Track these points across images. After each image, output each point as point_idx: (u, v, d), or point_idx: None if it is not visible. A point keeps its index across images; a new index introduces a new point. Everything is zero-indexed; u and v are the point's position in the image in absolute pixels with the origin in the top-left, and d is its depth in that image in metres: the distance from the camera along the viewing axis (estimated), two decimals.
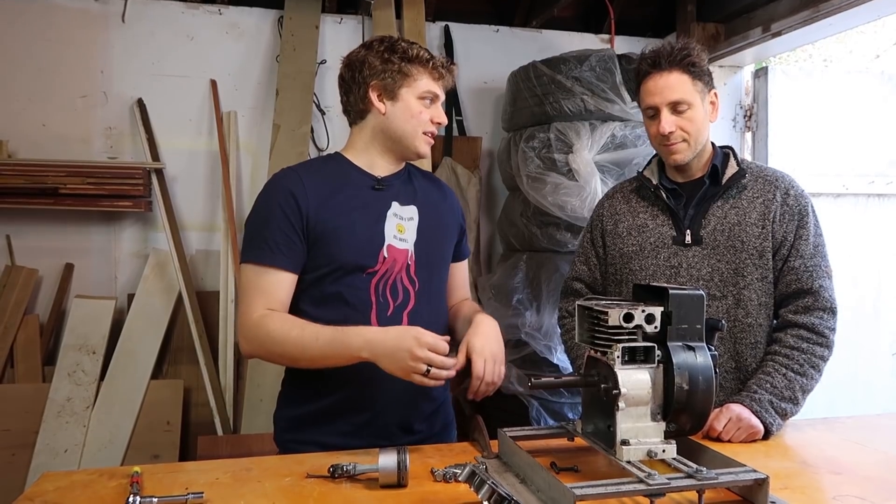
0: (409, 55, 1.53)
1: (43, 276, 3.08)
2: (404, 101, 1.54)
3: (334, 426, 1.53)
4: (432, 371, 1.33)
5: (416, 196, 1.63)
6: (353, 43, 3.35)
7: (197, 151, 3.24)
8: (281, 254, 1.48)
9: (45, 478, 1.28)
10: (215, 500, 1.16)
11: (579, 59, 2.85)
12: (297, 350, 1.42)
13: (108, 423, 2.94)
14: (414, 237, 1.58)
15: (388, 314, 1.52)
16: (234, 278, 3.11)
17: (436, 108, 1.57)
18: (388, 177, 1.60)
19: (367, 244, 1.52)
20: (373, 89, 1.54)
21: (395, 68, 1.53)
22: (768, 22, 3.05)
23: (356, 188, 1.56)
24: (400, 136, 1.56)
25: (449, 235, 1.68)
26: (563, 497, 1.05)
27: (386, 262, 1.53)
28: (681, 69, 1.68)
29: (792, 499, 1.15)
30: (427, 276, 1.59)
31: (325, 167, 1.60)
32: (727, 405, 1.56)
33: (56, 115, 3.10)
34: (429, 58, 1.55)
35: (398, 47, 1.54)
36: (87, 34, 3.13)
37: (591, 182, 2.74)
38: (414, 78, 1.53)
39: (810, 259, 1.68)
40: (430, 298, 1.60)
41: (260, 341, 1.46)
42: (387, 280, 1.54)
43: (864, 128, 3.53)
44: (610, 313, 1.17)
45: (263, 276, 1.48)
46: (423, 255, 1.58)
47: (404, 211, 1.59)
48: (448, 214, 1.69)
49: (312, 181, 1.53)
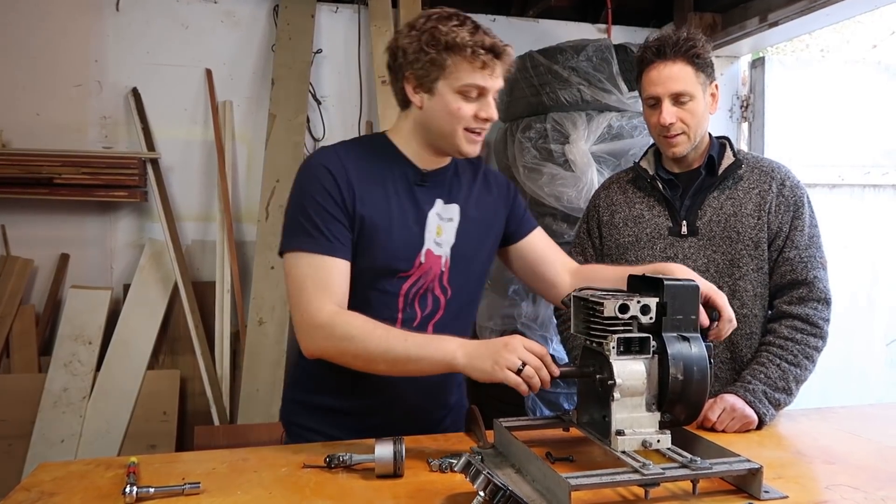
0: (446, 42, 1.31)
1: (38, 267, 3.07)
2: (441, 95, 1.35)
3: (343, 423, 1.48)
4: (525, 370, 1.18)
5: (459, 193, 1.49)
6: (349, 32, 3.35)
7: (192, 141, 3.22)
8: (337, 241, 1.34)
9: (42, 468, 1.28)
10: (212, 490, 1.16)
11: (576, 49, 2.84)
12: (378, 351, 1.28)
13: (104, 414, 2.94)
14: (452, 240, 1.45)
15: (414, 325, 1.42)
16: (229, 268, 3.11)
17: (482, 101, 1.36)
18: (433, 171, 1.46)
19: (405, 246, 1.40)
20: (407, 80, 1.37)
21: (428, 58, 1.33)
22: (765, 12, 3.04)
23: (399, 181, 1.42)
24: (437, 133, 1.39)
25: (491, 234, 1.54)
26: (558, 487, 1.06)
27: (421, 267, 1.42)
28: (685, 60, 1.66)
29: (786, 488, 1.15)
30: (461, 283, 1.47)
31: (367, 152, 1.44)
32: (721, 395, 1.57)
33: (50, 105, 3.08)
34: (469, 44, 1.30)
35: (438, 32, 1.31)
36: (82, 23, 3.11)
37: (588, 173, 2.74)
38: (451, 69, 1.32)
39: (805, 250, 1.69)
40: (461, 308, 1.49)
41: (335, 340, 1.31)
42: (419, 288, 1.43)
43: (860, 118, 3.53)
44: (605, 304, 1.17)
45: (321, 268, 1.33)
46: (459, 261, 1.46)
47: (446, 210, 1.46)
48: (491, 210, 1.54)
49: (354, 167, 1.39)
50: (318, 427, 1.50)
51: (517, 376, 1.19)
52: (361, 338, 1.29)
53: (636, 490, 1.13)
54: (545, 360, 1.21)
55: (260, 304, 3.03)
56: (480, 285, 1.57)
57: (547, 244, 1.61)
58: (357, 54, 3.35)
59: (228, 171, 3.18)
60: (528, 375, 1.19)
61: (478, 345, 1.26)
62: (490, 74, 1.35)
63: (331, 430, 1.48)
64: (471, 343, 1.27)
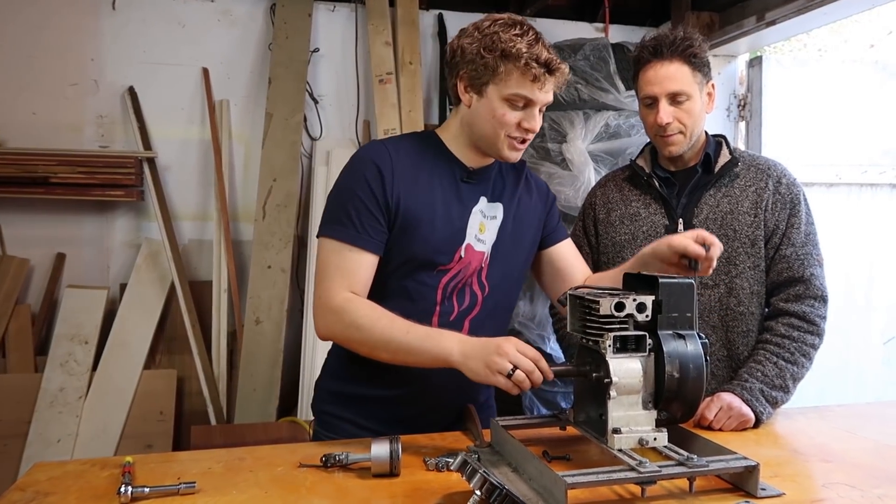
0: (503, 49, 1.34)
1: (34, 266, 3.06)
2: (488, 98, 1.38)
3: (373, 413, 1.50)
4: (516, 374, 1.20)
5: (504, 192, 1.52)
6: (347, 31, 3.35)
7: (189, 140, 3.22)
8: (367, 234, 1.38)
9: (37, 468, 1.27)
10: (208, 489, 1.16)
11: (573, 48, 2.84)
12: (381, 340, 1.32)
13: (100, 413, 2.93)
14: (493, 238, 1.48)
15: (451, 318, 1.45)
16: (226, 268, 3.10)
17: (528, 112, 1.38)
18: (479, 169, 1.49)
19: (447, 241, 1.43)
20: (461, 79, 1.41)
21: (484, 62, 1.36)
22: (763, 11, 3.04)
23: (445, 177, 1.46)
24: (480, 135, 1.43)
25: (529, 235, 1.56)
26: (554, 485, 1.06)
27: (461, 262, 1.44)
28: (682, 59, 1.66)
29: (782, 486, 1.15)
30: (498, 280, 1.49)
31: (416, 147, 1.48)
32: (718, 394, 1.57)
33: (46, 104, 3.08)
34: (525, 55, 1.33)
35: (498, 40, 1.34)
36: (77, 21, 3.10)
37: (585, 172, 2.74)
38: (502, 76, 1.35)
39: (802, 247, 1.69)
40: (497, 305, 1.52)
41: (343, 325, 1.36)
42: (458, 282, 1.45)
43: (857, 117, 3.52)
44: (601, 302, 1.17)
45: (346, 256, 1.38)
46: (498, 259, 1.49)
47: (490, 209, 1.49)
48: (532, 212, 1.56)
49: (402, 162, 1.42)
50: (348, 416, 1.52)
51: (507, 380, 1.21)
52: (367, 325, 1.33)
53: (633, 488, 1.13)
54: (539, 363, 1.22)
55: (257, 303, 3.02)
56: (517, 287, 1.59)
57: (574, 254, 1.64)
58: (354, 53, 3.35)
59: (225, 171, 3.17)
60: (519, 380, 1.21)
61: (475, 344, 1.27)
62: (540, 88, 1.37)
63: (360, 420, 1.50)
64: (469, 341, 1.28)
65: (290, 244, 3.09)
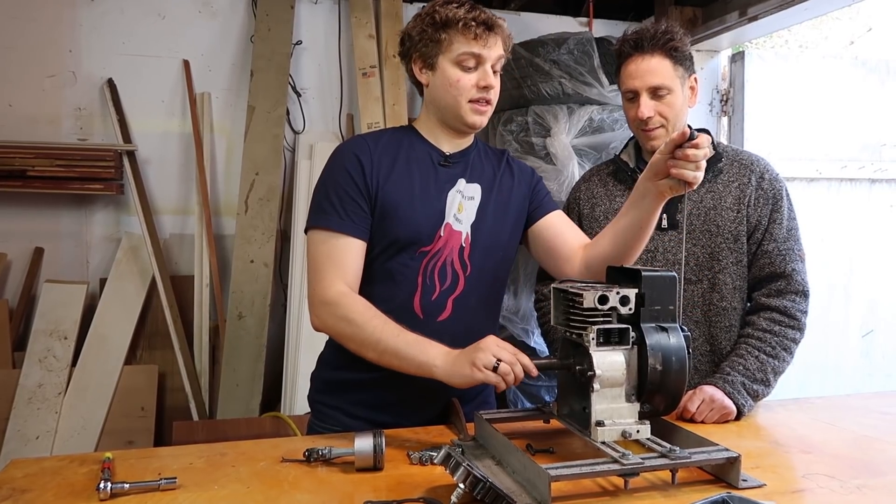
0: (441, 19, 1.43)
1: (12, 261, 3.01)
2: (442, 69, 1.45)
3: (361, 399, 1.51)
4: (501, 366, 1.22)
5: (482, 174, 1.55)
6: (329, 24, 3.32)
7: (170, 133, 3.18)
8: (350, 220, 1.43)
9: (14, 465, 1.25)
10: (189, 485, 1.15)
11: (557, 42, 2.84)
12: (371, 338, 1.35)
13: (80, 410, 2.90)
14: (472, 218, 1.51)
15: (433, 298, 1.47)
16: (208, 262, 3.07)
17: (481, 70, 1.44)
18: (456, 153, 1.54)
19: (427, 221, 1.47)
20: (414, 62, 1.50)
21: (428, 37, 1.45)
22: (745, 6, 3.06)
23: (422, 161, 1.51)
24: (443, 107, 1.48)
25: (511, 214, 1.57)
26: (538, 478, 1.06)
27: (441, 240, 1.47)
28: (663, 53, 1.67)
29: (763, 477, 1.16)
30: (481, 261, 1.51)
31: (394, 138, 1.54)
32: (700, 387, 1.58)
33: (23, 96, 3.02)
34: (461, 17, 1.42)
35: (436, 14, 1.44)
36: (55, 12, 3.05)
37: (569, 166, 2.74)
38: (447, 43, 1.44)
39: (784, 243, 1.70)
40: (481, 286, 1.52)
41: (335, 318, 1.39)
42: (437, 261, 1.47)
43: (837, 113, 3.57)
44: (585, 296, 1.17)
45: (334, 245, 1.42)
46: (479, 239, 1.51)
47: (468, 189, 1.52)
48: (514, 193, 1.58)
49: (380, 151, 1.49)
50: (338, 404, 1.54)
51: (495, 374, 1.23)
52: (359, 322, 1.37)
53: (616, 480, 1.14)
54: (519, 357, 1.25)
55: (239, 298, 3.00)
56: (504, 269, 1.60)
57: (565, 222, 1.63)
58: (337, 46, 3.32)
59: (207, 164, 3.14)
60: (504, 372, 1.23)
61: (457, 355, 1.29)
62: (484, 45, 1.43)
63: (349, 407, 1.52)
64: (452, 353, 1.30)
65: (273, 238, 3.07)
